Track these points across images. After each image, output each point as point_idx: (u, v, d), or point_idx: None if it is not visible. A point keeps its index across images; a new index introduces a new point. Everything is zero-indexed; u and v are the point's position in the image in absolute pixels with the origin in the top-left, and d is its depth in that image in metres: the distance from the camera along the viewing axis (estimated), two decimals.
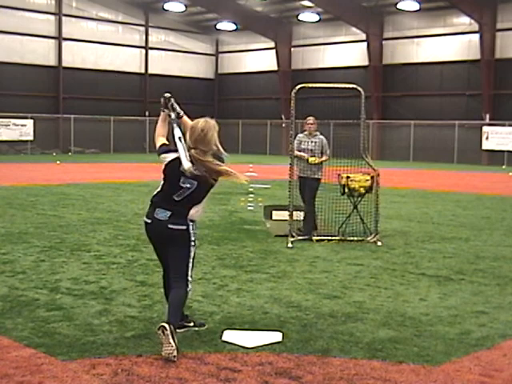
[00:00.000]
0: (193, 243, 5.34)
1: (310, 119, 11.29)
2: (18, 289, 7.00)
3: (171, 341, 4.91)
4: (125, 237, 10.51)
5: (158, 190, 5.35)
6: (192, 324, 5.67)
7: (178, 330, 5.43)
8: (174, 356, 4.89)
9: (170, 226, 5.24)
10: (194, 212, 5.33)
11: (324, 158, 11.09)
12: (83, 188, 18.90)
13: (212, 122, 5.34)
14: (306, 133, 11.28)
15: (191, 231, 5.32)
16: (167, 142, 5.44)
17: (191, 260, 5.34)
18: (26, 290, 6.93)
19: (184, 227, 5.28)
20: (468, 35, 40.13)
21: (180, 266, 5.32)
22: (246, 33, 49.21)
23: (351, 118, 12.36)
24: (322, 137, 11.21)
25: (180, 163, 5.15)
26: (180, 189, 5.24)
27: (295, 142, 11.18)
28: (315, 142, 11.10)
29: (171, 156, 5.28)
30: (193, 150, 5.22)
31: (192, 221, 5.33)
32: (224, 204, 15.44)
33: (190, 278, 5.33)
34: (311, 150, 11.04)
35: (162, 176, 5.34)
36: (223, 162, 5.31)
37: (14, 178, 22.12)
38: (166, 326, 4.98)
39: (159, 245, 5.43)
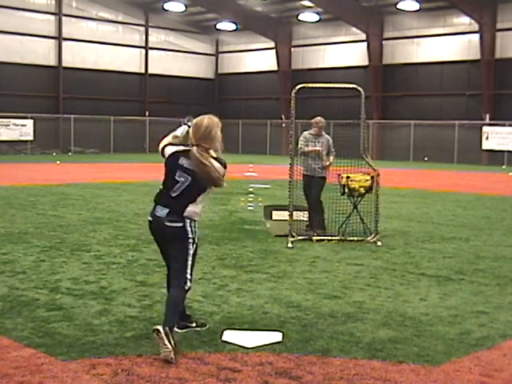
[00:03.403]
0: (191, 240, 5.23)
1: (320, 119, 11.23)
2: (18, 289, 7.00)
3: (167, 343, 4.88)
4: (125, 237, 10.51)
5: (160, 187, 5.38)
6: (194, 324, 5.66)
7: (179, 331, 5.44)
8: (172, 358, 4.86)
9: (167, 223, 5.22)
10: (191, 210, 5.23)
11: (331, 160, 11.10)
12: (83, 188, 18.89)
13: (216, 119, 5.33)
14: (312, 132, 11.22)
15: (188, 229, 5.22)
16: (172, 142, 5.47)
17: (190, 258, 5.25)
18: (26, 290, 6.93)
19: (180, 224, 5.21)
20: (468, 35, 40.12)
21: (177, 263, 5.26)
22: (246, 33, 49.20)
23: (351, 118, 12.37)
24: (327, 136, 11.25)
25: (178, 158, 5.20)
26: (176, 183, 5.23)
27: (301, 139, 11.14)
28: (322, 142, 11.14)
29: (171, 150, 5.32)
30: (195, 148, 5.19)
31: (190, 219, 5.24)
32: (224, 204, 15.44)
33: (188, 276, 5.23)
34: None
35: (164, 172, 5.37)
36: (225, 167, 5.26)
37: (14, 178, 22.10)
38: (160, 328, 4.95)
39: (160, 242, 5.42)
